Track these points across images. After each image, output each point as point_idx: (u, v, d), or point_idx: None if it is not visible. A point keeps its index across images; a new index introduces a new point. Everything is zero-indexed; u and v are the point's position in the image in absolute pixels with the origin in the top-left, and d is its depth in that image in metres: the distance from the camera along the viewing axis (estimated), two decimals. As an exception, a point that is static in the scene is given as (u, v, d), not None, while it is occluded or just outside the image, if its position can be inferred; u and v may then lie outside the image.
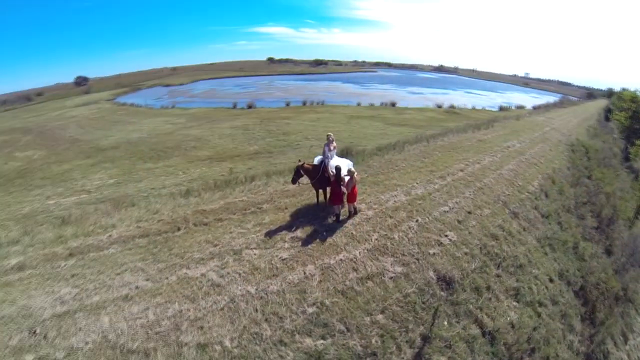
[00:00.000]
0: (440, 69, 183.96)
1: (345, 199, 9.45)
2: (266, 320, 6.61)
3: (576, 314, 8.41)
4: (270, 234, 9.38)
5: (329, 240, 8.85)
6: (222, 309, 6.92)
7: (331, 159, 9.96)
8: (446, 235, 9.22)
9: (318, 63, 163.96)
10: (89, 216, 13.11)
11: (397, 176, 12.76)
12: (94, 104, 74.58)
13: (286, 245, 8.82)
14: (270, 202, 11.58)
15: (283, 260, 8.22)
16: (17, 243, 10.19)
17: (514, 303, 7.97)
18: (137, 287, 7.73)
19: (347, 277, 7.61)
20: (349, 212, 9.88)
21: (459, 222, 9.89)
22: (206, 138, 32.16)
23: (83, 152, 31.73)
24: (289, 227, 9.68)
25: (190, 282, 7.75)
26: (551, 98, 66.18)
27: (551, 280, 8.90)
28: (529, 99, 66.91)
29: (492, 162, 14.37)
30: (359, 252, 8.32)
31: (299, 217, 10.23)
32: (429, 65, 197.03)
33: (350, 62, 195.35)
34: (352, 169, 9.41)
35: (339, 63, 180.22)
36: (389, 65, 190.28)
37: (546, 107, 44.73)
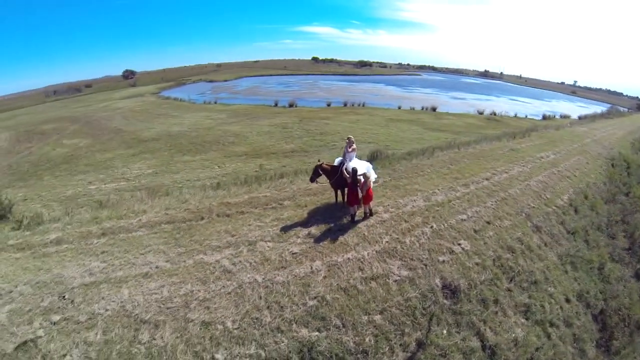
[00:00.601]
0: (485, 74, 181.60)
1: (361, 201, 9.84)
2: (268, 307, 7.12)
3: (591, 339, 8.06)
4: (285, 229, 9.92)
5: (341, 239, 9.23)
6: (229, 293, 7.54)
7: (350, 160, 10.36)
8: (459, 244, 9.24)
9: (362, 64, 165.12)
10: (124, 202, 14.43)
11: (420, 181, 12.89)
12: (139, 97, 79.78)
13: (299, 240, 9.32)
14: (292, 199, 12.16)
15: (293, 254, 8.72)
16: (58, 221, 11.51)
17: (522, 320, 7.81)
18: (157, 267, 8.57)
19: (352, 275, 7.94)
20: (365, 213, 10.21)
21: (475, 231, 9.86)
22: (244, 134, 33.62)
23: (125, 142, 34.26)
24: (304, 223, 10.18)
25: (205, 267, 8.46)
26: (599, 108, 62.79)
27: (568, 301, 8.61)
28: (575, 109, 64.79)
29: (521, 173, 14.07)
30: (368, 253, 8.62)
31: (316, 215, 10.70)
32: (474, 70, 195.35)
33: (395, 64, 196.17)
34: (367, 172, 9.73)
35: (383, 65, 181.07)
36: (433, 69, 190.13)
37: (591, 118, 42.30)
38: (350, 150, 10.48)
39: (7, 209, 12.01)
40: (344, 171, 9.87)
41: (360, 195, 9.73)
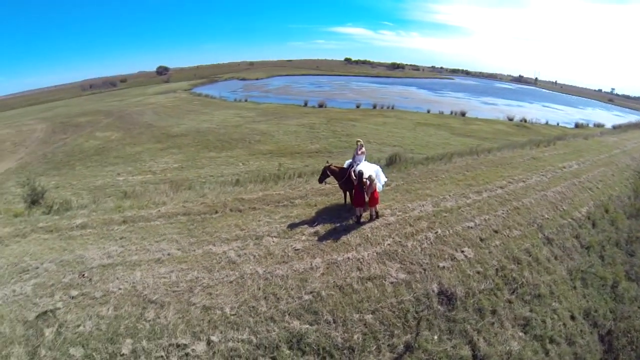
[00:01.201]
0: (519, 79, 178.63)
1: (367, 203, 10.25)
2: (265, 298, 7.67)
3: (594, 360, 8.03)
4: (292, 226, 10.48)
5: (344, 238, 9.66)
6: (231, 282, 8.17)
7: (358, 163, 10.79)
8: (462, 251, 9.37)
9: (395, 66, 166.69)
10: (147, 193, 15.54)
11: (433, 186, 13.05)
12: (171, 93, 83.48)
13: (303, 237, 9.84)
14: (304, 198, 12.72)
15: (296, 250, 9.25)
16: (85, 208, 12.68)
17: (520, 333, 7.82)
18: (168, 254, 9.37)
19: (349, 274, 8.34)
20: (371, 215, 10.58)
21: (481, 239, 9.93)
22: (271, 133, 34.71)
23: (155, 137, 36.22)
24: (311, 222, 10.69)
25: (212, 257, 9.16)
26: (636, 117, 59.61)
27: (573, 318, 8.49)
28: (611, 117, 62.43)
29: (539, 182, 13.87)
30: (368, 254, 8.99)
31: (324, 215, 11.18)
32: (508, 75, 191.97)
33: (428, 67, 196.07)
34: (373, 175, 10.11)
35: (416, 68, 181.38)
36: (466, 73, 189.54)
37: (625, 127, 40.18)
38: (359, 153, 10.92)
39: (40, 195, 13.35)
40: (352, 173, 10.30)
41: (366, 197, 10.13)
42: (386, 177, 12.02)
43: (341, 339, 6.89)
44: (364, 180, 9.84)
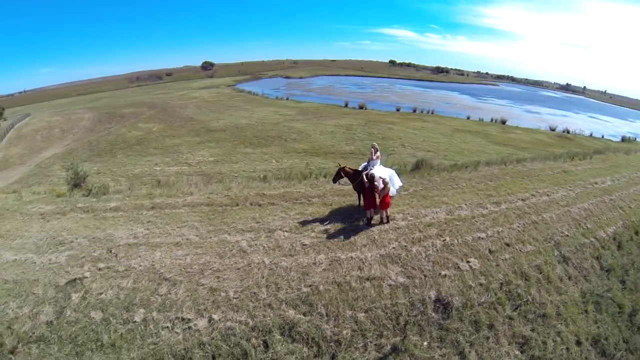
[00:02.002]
0: (566, 88, 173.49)
1: (378, 205, 10.73)
2: (267, 286, 8.42)
3: (598, 392, 7.84)
4: (304, 223, 11.18)
5: (351, 238, 10.19)
6: (238, 268, 9.02)
7: (373, 167, 11.29)
8: (468, 261, 9.48)
9: (439, 70, 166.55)
10: (178, 183, 16.95)
11: (451, 194, 13.17)
12: (215, 88, 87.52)
13: (312, 234, 10.50)
14: (321, 197, 13.41)
15: (303, 245, 9.94)
16: (120, 193, 14.21)
17: (516, 352, 7.70)
18: (187, 239, 10.44)
19: (350, 273, 8.87)
20: (381, 218, 11.04)
21: (490, 251, 9.95)
22: (308, 132, 35.87)
23: (194, 130, 38.53)
24: (323, 220, 11.34)
25: (225, 245, 10.09)
26: None
27: (579, 343, 8.22)
28: None
29: (565, 197, 13.47)
30: (371, 255, 9.45)
31: (337, 214, 11.78)
32: (555, 83, 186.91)
33: (473, 72, 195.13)
34: (386, 179, 10.56)
35: (460, 72, 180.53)
36: (512, 80, 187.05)
37: None
38: (374, 157, 11.42)
39: (81, 179, 15.16)
40: (364, 176, 10.82)
41: (377, 200, 10.61)
42: (402, 182, 12.37)
43: (330, 332, 7.44)
44: (376, 183, 10.33)
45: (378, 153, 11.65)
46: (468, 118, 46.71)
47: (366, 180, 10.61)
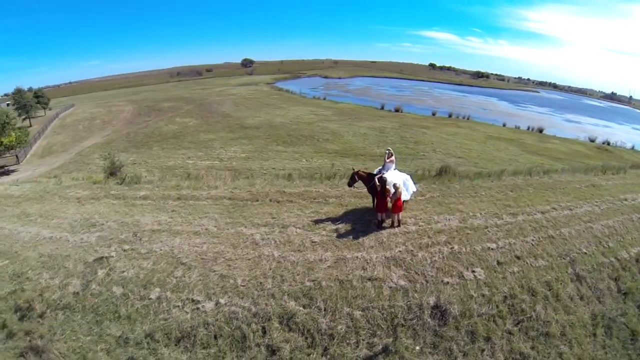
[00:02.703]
0: (610, 97, 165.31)
1: (390, 209, 11.10)
2: (273, 277, 9.08)
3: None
4: (317, 221, 11.74)
5: (359, 239, 10.62)
6: (249, 259, 9.76)
7: (386, 171, 11.66)
8: (473, 271, 9.54)
9: (479, 75, 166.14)
10: (206, 177, 18.06)
11: (468, 202, 13.17)
12: (253, 86, 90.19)
13: (323, 232, 11.04)
14: (339, 197, 13.89)
15: (313, 242, 10.51)
16: (150, 183, 15.50)
17: None
18: (206, 229, 11.35)
19: (353, 272, 9.30)
20: (392, 222, 11.39)
21: (498, 263, 9.90)
22: (341, 133, 36.59)
23: (229, 126, 40.26)
24: (336, 220, 11.84)
25: (240, 236, 10.88)
26: None
27: None
28: None
29: (588, 213, 12.95)
30: (376, 256, 9.84)
31: (350, 215, 12.22)
32: (599, 92, 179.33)
33: (514, 78, 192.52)
34: (398, 184, 10.90)
35: (501, 78, 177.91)
36: (554, 87, 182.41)
37: None
38: (388, 161, 11.78)
39: (117, 168, 16.66)
40: (376, 180, 11.23)
41: (389, 204, 10.99)
42: (416, 188, 12.59)
43: (326, 326, 7.93)
44: (387, 187, 10.72)
45: (392, 157, 11.98)
46: (504, 125, 46.10)
47: (378, 184, 11.02)
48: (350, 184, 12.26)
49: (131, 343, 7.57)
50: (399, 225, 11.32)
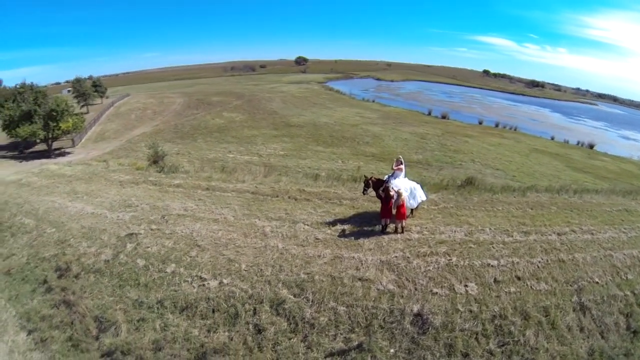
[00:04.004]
0: None
1: (394, 215, 11.75)
2: (272, 266, 10.18)
3: None
4: (326, 220, 12.65)
5: (360, 241, 11.34)
6: (256, 248, 10.96)
7: (394, 178, 12.27)
8: (466, 285, 9.65)
9: (534, 84, 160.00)
10: (239, 171, 19.70)
11: (480, 216, 13.19)
12: (304, 84, 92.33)
13: (328, 231, 11.96)
14: (353, 200, 14.64)
15: (316, 239, 11.48)
16: (187, 173, 17.33)
17: None
18: (224, 218, 12.76)
19: (346, 271, 10.06)
20: (396, 228, 12.01)
21: (495, 281, 9.86)
22: (382, 137, 37.20)
23: (273, 124, 42.13)
24: (344, 221, 12.65)
25: (252, 227, 12.14)
26: None
27: None
28: None
29: (612, 239, 12.18)
30: (372, 259, 10.54)
31: (359, 218, 12.96)
32: None
33: (571, 89, 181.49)
34: (401, 190, 11.54)
35: (557, 88, 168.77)
36: (614, 100, 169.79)
37: None
38: (396, 168, 12.40)
39: (160, 157, 18.73)
40: (384, 186, 11.92)
41: (393, 210, 11.67)
42: (425, 197, 12.99)
43: (309, 316, 8.81)
44: (391, 193, 11.42)
45: (401, 166, 12.50)
46: (552, 139, 44.34)
47: (381, 191, 11.75)
48: (364, 192, 12.64)
49: (144, 306, 9.07)
50: (402, 232, 11.88)
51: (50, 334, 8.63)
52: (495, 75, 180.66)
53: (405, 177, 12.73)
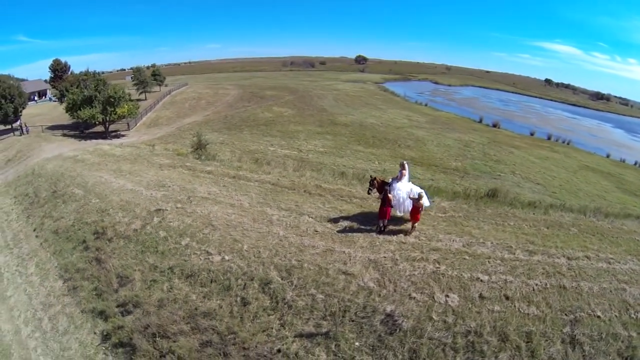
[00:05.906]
0: None
1: (388, 215, 12.26)
2: (270, 250, 11.30)
3: None
4: (330, 215, 13.47)
5: (355, 238, 11.90)
6: (259, 232, 12.19)
7: (397, 182, 12.82)
8: (447, 296, 9.41)
9: (599, 97, 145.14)
10: (271, 164, 21.12)
11: (486, 229, 12.89)
12: (360, 83, 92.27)
13: (328, 225, 12.79)
14: (362, 199, 15.16)
15: (315, 231, 12.40)
16: (221, 162, 19.03)
17: None
18: (240, 204, 14.17)
19: (334, 263, 10.76)
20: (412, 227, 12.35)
21: (480, 296, 9.41)
22: (424, 141, 36.88)
23: (320, 121, 43.16)
24: (347, 218, 13.36)
25: (262, 214, 13.40)
26: None
27: None
28: None
29: (629, 272, 10.84)
30: (360, 256, 11.16)
31: (362, 216, 13.51)
32: None
33: None
34: (400, 194, 12.14)
35: (624, 102, 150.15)
36: None
37: None
38: (397, 173, 12.98)
39: (202, 146, 20.68)
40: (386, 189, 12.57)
41: (400, 213, 12.30)
42: (429, 203, 13.18)
43: (289, 298, 9.74)
44: (388, 196, 12.07)
45: (404, 171, 12.96)
46: (608, 156, 40.89)
47: (379, 194, 12.44)
48: (369, 191, 13.11)
49: (157, 270, 10.72)
50: (410, 233, 12.23)
51: (81, 283, 10.61)
52: (558, 84, 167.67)
53: (409, 181, 13.20)
